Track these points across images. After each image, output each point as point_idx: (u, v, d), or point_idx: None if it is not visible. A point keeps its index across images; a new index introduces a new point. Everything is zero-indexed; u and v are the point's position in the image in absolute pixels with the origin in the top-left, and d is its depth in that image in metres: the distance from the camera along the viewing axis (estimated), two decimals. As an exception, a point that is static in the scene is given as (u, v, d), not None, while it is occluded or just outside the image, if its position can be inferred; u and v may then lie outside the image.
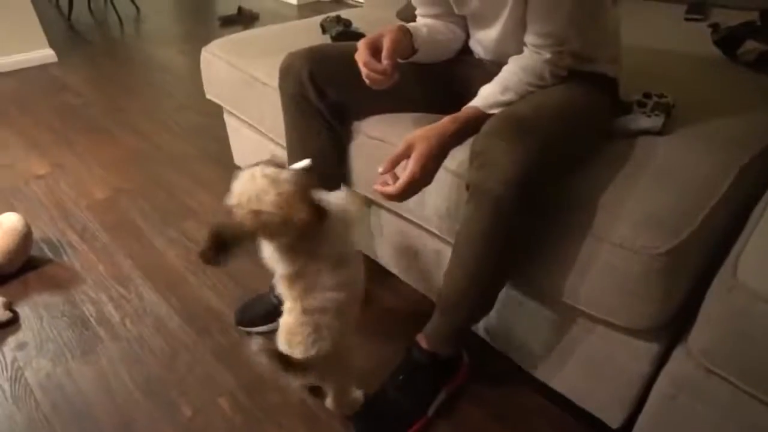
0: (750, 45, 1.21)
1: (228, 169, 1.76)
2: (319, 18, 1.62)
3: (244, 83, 1.39)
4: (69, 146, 2.04)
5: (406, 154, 0.84)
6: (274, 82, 1.22)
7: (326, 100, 1.06)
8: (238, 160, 1.76)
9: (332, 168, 1.15)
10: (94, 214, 1.65)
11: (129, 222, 1.61)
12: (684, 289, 0.76)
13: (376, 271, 1.33)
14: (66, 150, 2.01)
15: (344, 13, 1.69)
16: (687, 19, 1.60)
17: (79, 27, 3.65)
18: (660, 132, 0.97)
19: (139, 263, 1.44)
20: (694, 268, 0.78)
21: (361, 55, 0.89)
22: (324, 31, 1.52)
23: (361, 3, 2.55)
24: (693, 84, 1.16)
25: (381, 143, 1.07)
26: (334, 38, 1.45)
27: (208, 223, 0.94)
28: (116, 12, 3.75)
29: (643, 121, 0.98)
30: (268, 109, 1.31)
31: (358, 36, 1.44)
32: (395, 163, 0.84)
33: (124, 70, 2.87)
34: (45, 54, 2.86)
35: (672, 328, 0.79)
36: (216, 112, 1.73)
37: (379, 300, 1.32)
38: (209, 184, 1.79)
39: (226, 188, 0.77)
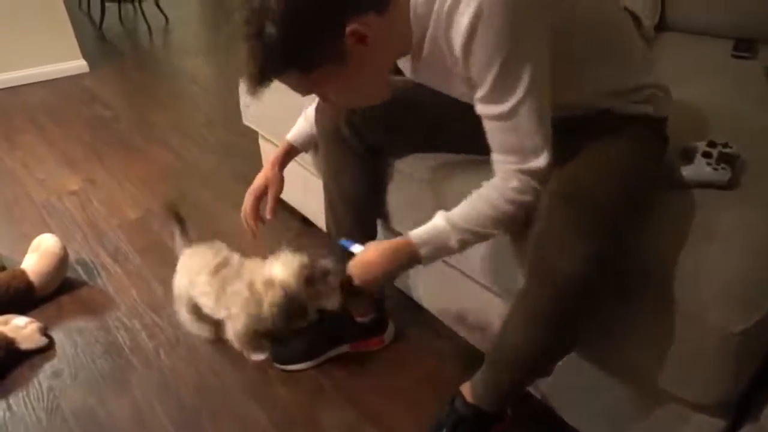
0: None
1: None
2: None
3: (286, 114, 1.38)
4: (100, 161, 2.05)
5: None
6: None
7: (361, 138, 1.06)
8: (270, 183, 1.75)
9: (366, 204, 1.13)
10: (126, 234, 1.65)
11: (160, 244, 1.60)
12: (758, 365, 0.73)
13: (413, 308, 1.30)
14: (98, 165, 2.03)
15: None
16: (734, 56, 1.55)
17: (109, 36, 3.71)
18: (725, 186, 0.93)
19: (171, 289, 1.43)
20: None
21: (247, 206, 1.18)
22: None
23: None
24: (752, 131, 1.11)
25: (412, 179, 1.07)
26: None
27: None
28: (146, 21, 3.79)
29: (708, 173, 0.93)
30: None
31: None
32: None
33: (153, 81, 2.90)
34: (78, 65, 2.90)
35: (741, 403, 0.75)
36: (244, 129, 1.72)
37: (420, 344, 1.28)
38: (240, 206, 1.77)
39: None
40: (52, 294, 1.39)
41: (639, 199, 0.83)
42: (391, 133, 1.07)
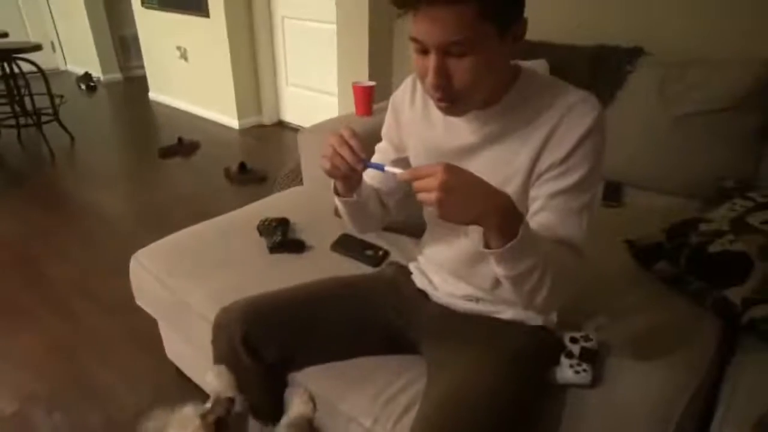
0: (663, 265, 1.30)
1: (159, 363, 1.66)
2: (256, 207, 1.64)
3: (177, 306, 1.34)
4: (-21, 334, 1.86)
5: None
6: (209, 312, 1.18)
7: (259, 359, 1.05)
8: (170, 355, 1.66)
9: (267, 415, 1.11)
10: (0, 439, 1.47)
11: (43, 448, 1.44)
12: None
13: None
14: (-26, 340, 1.84)
15: (282, 199, 1.72)
16: (604, 205, 1.72)
17: (6, 160, 3.51)
18: (589, 386, 1.00)
19: None
20: None
21: (347, 139, 0.84)
22: (261, 234, 1.52)
23: (300, 126, 2.57)
24: (614, 303, 1.20)
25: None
26: (270, 249, 1.44)
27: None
28: (48, 145, 3.63)
29: (573, 375, 1.01)
30: (202, 338, 1.26)
31: (297, 246, 1.45)
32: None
33: (54, 221, 2.72)
34: (-37, 207, 2.69)
35: None
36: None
37: None
38: (137, 382, 1.66)
39: (155, 387, 0.70)
40: None
41: (526, 419, 0.89)
42: (288, 350, 1.08)
